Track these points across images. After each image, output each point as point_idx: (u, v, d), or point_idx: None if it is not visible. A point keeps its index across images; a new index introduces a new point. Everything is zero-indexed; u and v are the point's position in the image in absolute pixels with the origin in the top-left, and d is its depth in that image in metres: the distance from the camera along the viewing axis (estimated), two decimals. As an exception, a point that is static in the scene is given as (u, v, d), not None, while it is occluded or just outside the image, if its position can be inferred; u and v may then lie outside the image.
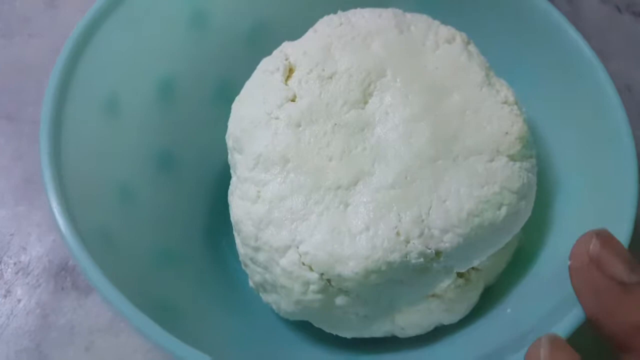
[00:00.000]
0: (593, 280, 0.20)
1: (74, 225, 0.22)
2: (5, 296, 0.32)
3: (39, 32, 0.41)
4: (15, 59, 0.40)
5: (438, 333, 0.28)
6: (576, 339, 0.21)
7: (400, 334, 0.28)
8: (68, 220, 0.22)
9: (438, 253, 0.24)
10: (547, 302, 0.25)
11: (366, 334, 0.28)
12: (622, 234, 0.25)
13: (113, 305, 0.21)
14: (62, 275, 0.33)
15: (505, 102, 0.26)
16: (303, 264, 0.24)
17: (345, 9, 0.31)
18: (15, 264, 0.33)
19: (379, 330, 0.27)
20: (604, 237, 0.21)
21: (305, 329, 0.29)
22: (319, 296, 0.25)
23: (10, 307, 0.32)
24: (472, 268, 0.27)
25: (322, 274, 0.24)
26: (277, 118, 0.26)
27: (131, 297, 0.22)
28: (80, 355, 0.31)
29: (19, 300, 0.32)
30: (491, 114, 0.26)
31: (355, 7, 0.31)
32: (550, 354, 0.19)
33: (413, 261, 0.24)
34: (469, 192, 0.24)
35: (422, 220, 0.24)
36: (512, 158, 0.25)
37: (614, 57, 0.46)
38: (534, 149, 0.27)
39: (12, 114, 0.38)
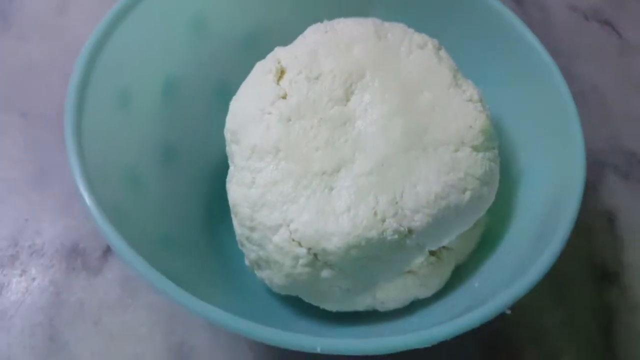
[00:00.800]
0: None
1: (97, 202, 0.25)
2: (21, 275, 0.35)
3: (50, 36, 0.44)
4: (28, 60, 0.43)
5: (414, 306, 0.31)
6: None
7: (381, 307, 0.31)
8: (90, 193, 0.25)
9: (410, 231, 0.28)
10: (507, 274, 0.29)
11: (349, 307, 0.31)
12: (570, 215, 0.28)
13: (132, 265, 0.24)
14: (73, 256, 0.36)
15: (470, 100, 0.30)
16: (293, 240, 0.27)
17: (331, 18, 0.34)
18: (30, 246, 0.36)
19: (361, 303, 0.31)
20: None
21: (295, 304, 0.32)
22: (307, 269, 0.28)
23: (26, 285, 0.35)
24: (444, 247, 0.31)
25: (309, 249, 0.27)
26: (269, 113, 0.29)
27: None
28: (89, 329, 0.33)
29: (34, 279, 0.35)
30: (457, 110, 0.29)
31: (340, 16, 0.34)
32: None
33: (389, 237, 0.27)
34: (437, 178, 0.28)
35: (396, 202, 0.27)
36: (475, 149, 0.29)
37: (582, 61, 0.49)
38: (496, 141, 0.31)
39: (26, 110, 0.41)
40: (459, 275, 0.32)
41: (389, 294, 0.30)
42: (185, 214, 0.34)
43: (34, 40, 0.44)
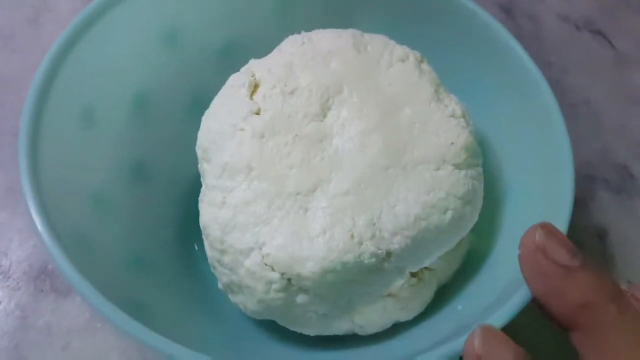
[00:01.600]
0: (540, 266, 0.22)
1: (51, 228, 0.24)
2: (-15, 299, 0.34)
3: (21, 48, 0.43)
4: (-2, 73, 0.42)
5: (395, 329, 0.30)
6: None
7: (360, 331, 0.30)
8: (46, 223, 0.24)
9: (389, 254, 0.26)
10: (491, 296, 0.28)
11: (327, 331, 0.29)
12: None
13: (90, 301, 0.23)
14: (42, 278, 0.34)
15: (452, 116, 0.29)
16: (265, 264, 0.26)
17: (310, 29, 0.33)
18: (-4, 268, 0.35)
19: (339, 328, 0.29)
20: (548, 228, 0.23)
21: (272, 328, 0.30)
22: (281, 295, 0.27)
23: (-9, 310, 0.33)
24: (425, 268, 0.29)
25: (282, 274, 0.26)
26: (242, 129, 0.28)
27: (106, 295, 0.24)
28: (58, 354, 0.32)
29: (-1, 303, 0.34)
30: (439, 126, 0.28)
31: (321, 27, 0.33)
32: (483, 342, 0.22)
33: (366, 261, 0.26)
34: (417, 197, 0.26)
35: (374, 224, 0.26)
36: (457, 166, 0.28)
37: (573, 72, 0.48)
38: (480, 158, 0.30)
39: (-6, 126, 0.39)
40: (442, 296, 0.31)
41: (368, 318, 0.29)
42: (156, 234, 0.33)
43: (4, 53, 0.43)
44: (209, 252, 0.29)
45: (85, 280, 0.23)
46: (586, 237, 0.40)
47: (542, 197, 0.30)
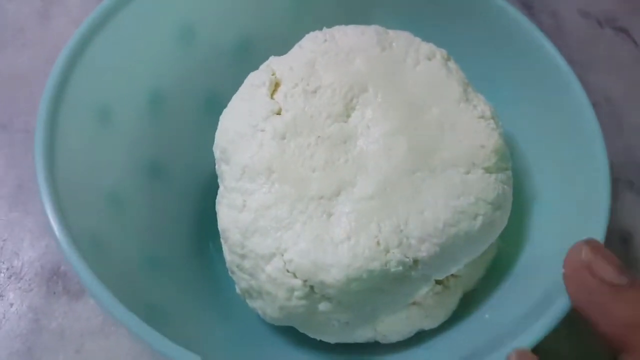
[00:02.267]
0: (586, 284, 0.22)
1: (67, 229, 0.23)
2: (-3, 300, 0.33)
3: (32, 43, 0.42)
4: (8, 68, 0.41)
5: (419, 338, 0.29)
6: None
7: (383, 340, 0.29)
8: (61, 224, 0.23)
9: (416, 262, 0.25)
10: (522, 306, 0.27)
11: (349, 339, 0.29)
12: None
13: (104, 305, 0.22)
14: (54, 279, 0.33)
15: (482, 117, 0.28)
16: (287, 271, 0.25)
17: (330, 25, 0.32)
18: (7, 268, 0.34)
19: (361, 336, 0.28)
20: (594, 245, 0.22)
21: (290, 333, 0.30)
22: (303, 302, 0.26)
23: (3, 311, 0.32)
24: (451, 275, 0.28)
25: (305, 281, 0.25)
26: (262, 130, 0.27)
27: (121, 298, 0.23)
28: (71, 357, 0.31)
29: (11, 304, 0.33)
30: (468, 128, 0.27)
31: (340, 23, 0.32)
32: None
33: (392, 270, 0.25)
34: (445, 202, 0.25)
35: (401, 230, 0.25)
36: (487, 170, 0.27)
37: (594, 70, 0.47)
38: (509, 161, 0.28)
39: (6, 123, 0.39)
40: (468, 304, 0.30)
41: (392, 326, 0.28)
42: (173, 234, 0.32)
43: (15, 47, 0.42)
44: (227, 257, 0.28)
45: (100, 284, 0.22)
46: (609, 241, 0.39)
47: (574, 202, 0.29)
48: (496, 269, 0.31)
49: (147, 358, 0.32)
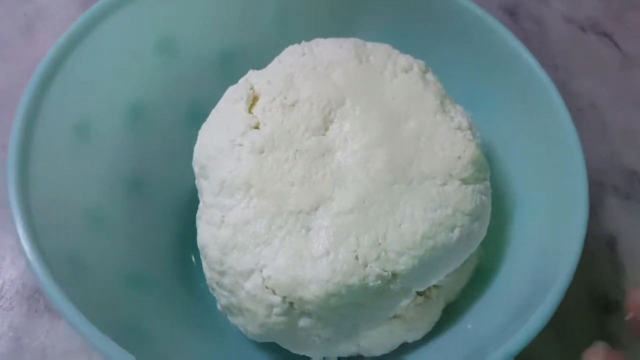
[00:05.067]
0: None
1: (41, 251, 0.23)
2: (-22, 320, 0.33)
3: (13, 58, 0.42)
4: (-10, 84, 0.40)
5: (403, 349, 0.29)
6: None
7: (366, 353, 0.29)
8: (34, 246, 0.23)
9: (394, 275, 0.25)
10: (504, 315, 0.27)
11: (332, 354, 0.28)
12: (572, 254, 0.26)
13: (79, 330, 0.22)
14: (35, 297, 0.33)
15: (458, 128, 0.28)
16: (266, 287, 0.25)
17: (311, 37, 0.32)
18: (-12, 287, 0.34)
19: (344, 351, 0.28)
20: None
21: (274, 349, 0.29)
22: (283, 319, 0.25)
23: (-17, 331, 0.32)
24: (433, 286, 0.28)
25: (284, 297, 0.25)
26: (240, 145, 0.27)
27: (99, 320, 0.23)
28: (53, 377, 0.31)
29: (-8, 324, 0.32)
30: (445, 139, 0.27)
31: (321, 36, 0.32)
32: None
33: (371, 284, 0.25)
34: (423, 215, 0.25)
35: (379, 244, 0.25)
36: (464, 181, 0.27)
37: (579, 76, 0.47)
38: (488, 171, 0.28)
39: (-14, 139, 0.38)
40: (451, 314, 0.30)
41: (374, 340, 0.28)
42: (154, 250, 0.32)
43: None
44: (207, 273, 0.28)
45: (73, 307, 0.22)
46: (596, 246, 0.39)
47: (552, 210, 0.29)
48: (478, 278, 0.31)
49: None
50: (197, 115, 0.31)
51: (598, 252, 0.39)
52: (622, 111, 0.45)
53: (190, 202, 0.32)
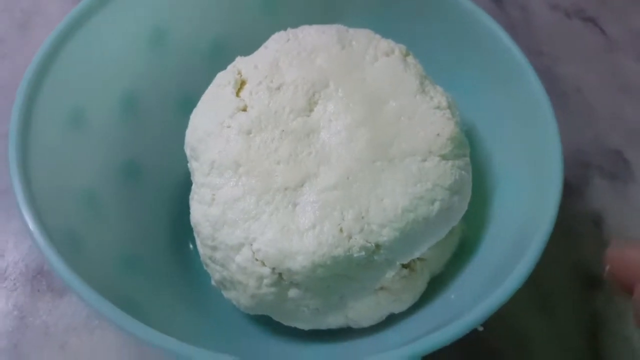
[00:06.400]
0: None
1: (44, 229, 0.24)
2: (-17, 300, 0.34)
3: (10, 53, 0.43)
4: (-11, 77, 0.41)
5: (390, 321, 0.30)
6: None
7: (355, 325, 0.30)
8: (38, 223, 0.24)
9: (378, 246, 0.26)
10: (484, 285, 0.28)
11: (321, 326, 0.30)
12: (547, 223, 0.27)
13: (85, 298, 0.23)
14: (38, 278, 0.35)
15: (437, 107, 0.29)
16: (256, 259, 0.26)
17: (297, 25, 0.33)
18: (-7, 270, 0.35)
19: (333, 323, 0.29)
20: None
21: (266, 322, 0.31)
22: (272, 289, 0.27)
23: (-11, 311, 0.34)
24: (417, 259, 0.29)
25: (273, 269, 0.26)
26: (229, 127, 0.28)
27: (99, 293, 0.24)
28: (56, 353, 0.32)
29: (-3, 304, 0.34)
30: (424, 118, 0.28)
31: (308, 23, 0.33)
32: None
33: (355, 255, 0.26)
34: (404, 190, 0.27)
35: (363, 217, 0.26)
36: (444, 157, 0.28)
37: (564, 61, 0.48)
38: (467, 148, 0.30)
39: (-12, 129, 0.40)
40: (435, 286, 0.31)
41: (362, 312, 0.29)
42: (149, 233, 0.33)
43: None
44: (200, 250, 0.29)
45: (78, 278, 0.23)
46: (582, 224, 0.40)
47: (531, 184, 0.30)
48: (462, 252, 0.32)
49: (132, 351, 0.33)
50: (188, 103, 0.32)
51: (584, 230, 0.40)
52: (607, 94, 0.46)
53: (184, 186, 0.33)
